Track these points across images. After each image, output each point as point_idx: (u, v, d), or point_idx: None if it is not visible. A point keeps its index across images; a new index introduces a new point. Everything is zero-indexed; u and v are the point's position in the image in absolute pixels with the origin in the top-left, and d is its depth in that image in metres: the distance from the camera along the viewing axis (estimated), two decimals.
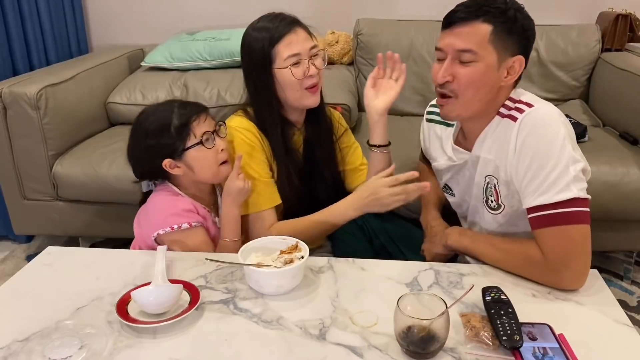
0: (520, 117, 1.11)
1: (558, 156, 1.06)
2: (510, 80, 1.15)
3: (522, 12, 1.14)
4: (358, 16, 2.59)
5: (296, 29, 1.32)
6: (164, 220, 1.26)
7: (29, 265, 1.21)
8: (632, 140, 2.01)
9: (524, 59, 1.14)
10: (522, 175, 1.11)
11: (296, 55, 1.30)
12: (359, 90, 2.55)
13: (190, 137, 1.24)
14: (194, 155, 1.25)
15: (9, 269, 2.17)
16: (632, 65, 2.15)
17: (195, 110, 1.27)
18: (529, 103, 1.13)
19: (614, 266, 2.17)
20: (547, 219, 1.06)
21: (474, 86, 1.13)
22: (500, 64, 1.12)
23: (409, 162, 1.64)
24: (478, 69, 1.11)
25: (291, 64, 1.30)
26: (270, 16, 1.34)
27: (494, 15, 1.09)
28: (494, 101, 1.17)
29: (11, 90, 1.93)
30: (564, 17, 2.56)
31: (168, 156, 1.25)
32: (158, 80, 2.35)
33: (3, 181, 2.08)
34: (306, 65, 1.32)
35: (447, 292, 1.08)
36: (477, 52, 1.10)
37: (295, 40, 1.30)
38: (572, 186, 1.05)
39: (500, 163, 1.16)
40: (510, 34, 1.11)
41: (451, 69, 1.13)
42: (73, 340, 0.93)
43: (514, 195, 1.16)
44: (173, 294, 1.02)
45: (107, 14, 2.84)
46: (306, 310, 1.03)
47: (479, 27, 1.10)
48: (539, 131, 1.09)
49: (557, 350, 0.88)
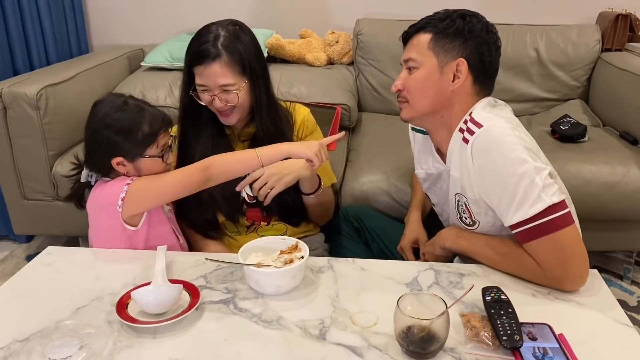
0: (471, 139, 1.11)
1: (520, 172, 1.04)
2: (457, 84, 1.16)
3: (468, 18, 1.17)
4: (358, 16, 2.59)
5: (212, 64, 1.33)
6: (113, 190, 1.24)
7: (29, 265, 1.21)
8: (632, 140, 2.01)
9: (466, 61, 1.15)
10: (490, 197, 1.11)
11: (203, 86, 1.35)
12: (359, 90, 2.56)
13: (152, 147, 1.25)
14: (147, 164, 1.26)
15: (9, 269, 2.18)
16: (632, 65, 2.15)
17: (164, 124, 1.28)
18: (478, 123, 1.11)
19: (614, 266, 2.17)
20: (530, 233, 1.05)
21: (419, 90, 1.19)
22: (441, 67, 1.16)
23: (407, 162, 1.64)
24: (420, 75, 1.18)
25: (200, 90, 1.36)
26: (208, 28, 1.38)
27: (433, 25, 1.18)
28: (450, 108, 1.18)
29: (11, 90, 1.93)
30: (564, 17, 2.56)
31: (121, 155, 1.24)
32: (158, 80, 2.35)
33: (3, 181, 2.08)
34: (211, 98, 1.36)
35: (447, 292, 1.08)
36: (416, 59, 1.18)
37: (203, 72, 1.34)
38: (543, 195, 1.03)
39: (465, 183, 1.16)
40: (450, 38, 1.16)
41: (402, 79, 1.21)
42: (73, 340, 0.93)
43: (487, 212, 1.15)
44: (173, 294, 1.02)
45: (107, 14, 2.84)
46: (306, 310, 1.03)
47: (420, 38, 1.19)
48: (493, 152, 1.08)
49: (557, 350, 0.88)
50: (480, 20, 1.19)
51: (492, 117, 1.12)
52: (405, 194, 1.78)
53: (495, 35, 1.20)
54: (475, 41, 1.16)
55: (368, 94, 2.55)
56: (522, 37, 2.44)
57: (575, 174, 1.82)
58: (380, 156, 1.95)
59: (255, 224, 1.49)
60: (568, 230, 1.04)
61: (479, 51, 1.17)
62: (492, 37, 1.19)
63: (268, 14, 2.69)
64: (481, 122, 1.11)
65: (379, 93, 2.53)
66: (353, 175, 1.89)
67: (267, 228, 1.50)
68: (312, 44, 2.57)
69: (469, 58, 1.16)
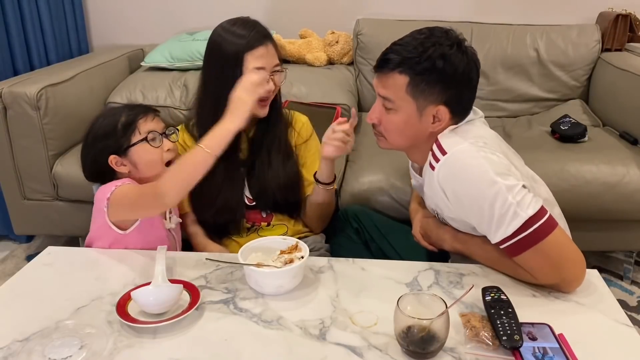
0: (436, 167, 1.10)
1: (491, 194, 1.03)
2: (438, 127, 1.14)
3: (448, 58, 1.09)
4: (358, 16, 2.59)
5: (268, 44, 1.34)
6: (108, 188, 1.23)
7: (29, 265, 1.21)
8: (632, 140, 2.01)
9: (447, 106, 1.12)
10: (470, 219, 1.11)
11: (261, 68, 1.32)
12: (359, 90, 2.56)
13: (135, 134, 1.27)
14: (138, 153, 1.27)
15: (9, 269, 2.18)
16: (632, 65, 2.15)
17: (143, 109, 1.30)
18: (443, 149, 1.09)
19: (614, 266, 2.17)
20: (516, 247, 1.04)
21: (397, 132, 1.18)
22: (420, 112, 1.13)
23: (407, 162, 1.63)
24: (399, 118, 1.15)
25: None
26: (243, 22, 1.36)
27: (409, 67, 1.10)
28: (428, 142, 1.16)
29: (11, 90, 1.93)
30: (564, 17, 2.55)
31: (114, 153, 1.27)
32: (158, 80, 2.35)
33: (3, 181, 2.08)
34: (267, 80, 1.34)
35: (447, 292, 1.08)
36: (394, 101, 1.13)
37: (264, 54, 1.33)
38: (519, 211, 1.02)
39: (439, 202, 1.16)
40: (430, 84, 1.10)
41: (378, 112, 1.18)
42: (73, 340, 0.93)
43: (466, 226, 1.15)
44: (173, 294, 1.02)
45: (107, 14, 2.84)
46: (306, 310, 1.03)
47: (396, 78, 1.12)
48: (460, 178, 1.07)
49: (557, 350, 0.88)
50: (462, 51, 1.11)
51: (457, 140, 1.10)
52: (405, 194, 1.78)
53: (477, 64, 1.14)
54: (458, 86, 1.11)
55: (368, 94, 2.55)
56: (522, 37, 2.44)
57: (575, 174, 1.82)
58: (380, 156, 1.95)
59: (256, 225, 1.49)
60: (552, 236, 1.03)
61: (460, 92, 1.13)
62: (475, 71, 1.13)
63: (268, 14, 2.70)
64: (445, 148, 1.09)
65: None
66: (353, 175, 1.89)
67: (268, 229, 1.50)
68: (312, 44, 2.57)
69: (449, 102, 1.12)
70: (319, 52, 2.56)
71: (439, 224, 1.26)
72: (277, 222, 1.50)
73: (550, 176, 1.28)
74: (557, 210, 1.23)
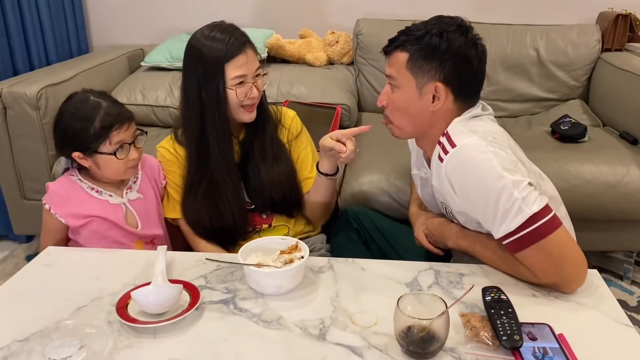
0: (445, 159, 1.10)
1: (497, 189, 1.03)
2: (437, 106, 1.15)
3: (446, 35, 1.12)
4: (358, 16, 2.59)
5: (247, 50, 1.33)
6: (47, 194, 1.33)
7: (29, 265, 1.21)
8: (632, 140, 2.01)
9: (445, 83, 1.13)
10: (475, 213, 1.11)
11: (242, 76, 1.32)
12: (359, 90, 2.56)
13: (105, 144, 1.27)
14: (104, 160, 1.29)
15: (9, 269, 2.17)
16: (632, 65, 2.15)
17: (119, 119, 1.28)
18: (452, 142, 1.10)
19: (614, 266, 2.17)
20: (518, 243, 1.05)
21: (400, 112, 1.19)
22: (420, 89, 1.15)
23: (406, 162, 1.63)
24: (400, 95, 1.18)
25: (236, 84, 1.32)
26: (221, 27, 1.34)
27: (410, 43, 1.14)
28: (433, 126, 1.17)
29: (11, 90, 1.94)
30: (564, 17, 2.56)
31: (79, 150, 1.28)
32: (158, 80, 2.35)
33: (3, 181, 2.08)
34: (249, 87, 1.33)
35: (447, 292, 1.08)
36: (396, 78, 1.17)
37: (245, 62, 1.32)
38: (524, 207, 1.02)
39: (446, 195, 1.16)
40: (427, 59, 1.13)
41: (386, 94, 1.21)
42: (73, 340, 0.93)
43: (472, 222, 1.16)
44: (173, 294, 1.02)
45: (107, 14, 2.84)
46: (306, 310, 1.03)
47: (398, 55, 1.16)
48: (468, 171, 1.07)
49: (557, 350, 0.88)
50: (463, 32, 1.13)
51: (466, 134, 1.10)
52: (405, 194, 1.78)
53: (478, 48, 1.15)
54: (454, 61, 1.12)
55: (368, 94, 2.55)
56: (522, 37, 2.44)
57: (575, 174, 1.82)
58: (380, 156, 1.95)
59: (257, 228, 1.49)
60: (555, 235, 1.03)
61: (458, 70, 1.13)
62: (473, 51, 1.14)
63: (268, 14, 2.69)
64: (454, 141, 1.10)
65: (379, 93, 2.50)
66: (353, 175, 1.89)
67: (269, 230, 1.50)
68: (312, 44, 2.57)
69: (448, 79, 1.13)
70: (319, 52, 2.56)
71: (444, 222, 1.27)
72: (278, 223, 1.50)
73: (550, 176, 1.28)
74: (563, 209, 1.23)
